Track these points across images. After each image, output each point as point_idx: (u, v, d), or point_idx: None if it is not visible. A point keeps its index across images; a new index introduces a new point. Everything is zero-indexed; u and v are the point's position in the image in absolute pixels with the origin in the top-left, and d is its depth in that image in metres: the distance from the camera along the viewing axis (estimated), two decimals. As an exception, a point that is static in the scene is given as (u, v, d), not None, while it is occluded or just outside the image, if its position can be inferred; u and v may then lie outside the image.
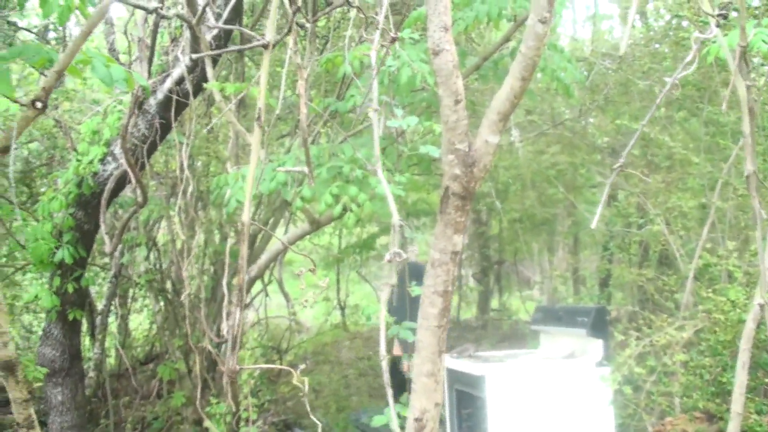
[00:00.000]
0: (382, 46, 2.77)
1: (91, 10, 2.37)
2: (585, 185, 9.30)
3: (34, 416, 2.46)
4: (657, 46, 7.33)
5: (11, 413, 6.50)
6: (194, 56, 4.26)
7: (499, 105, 2.50)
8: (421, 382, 2.45)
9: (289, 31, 2.45)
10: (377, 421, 3.21)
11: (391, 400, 2.57)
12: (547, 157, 8.47)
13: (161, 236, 7.53)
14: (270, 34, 2.40)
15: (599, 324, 4.72)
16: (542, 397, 4.51)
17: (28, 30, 6.70)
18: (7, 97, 2.11)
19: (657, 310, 6.06)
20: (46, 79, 1.98)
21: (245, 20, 6.27)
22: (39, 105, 1.95)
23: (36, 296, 5.40)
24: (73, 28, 6.99)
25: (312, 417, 2.97)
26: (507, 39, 5.17)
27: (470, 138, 2.54)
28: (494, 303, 12.89)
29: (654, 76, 6.92)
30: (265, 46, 2.35)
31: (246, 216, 2.20)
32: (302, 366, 3.74)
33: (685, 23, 6.49)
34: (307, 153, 2.67)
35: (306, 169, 2.85)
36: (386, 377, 2.48)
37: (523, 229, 10.31)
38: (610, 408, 4.58)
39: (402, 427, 2.60)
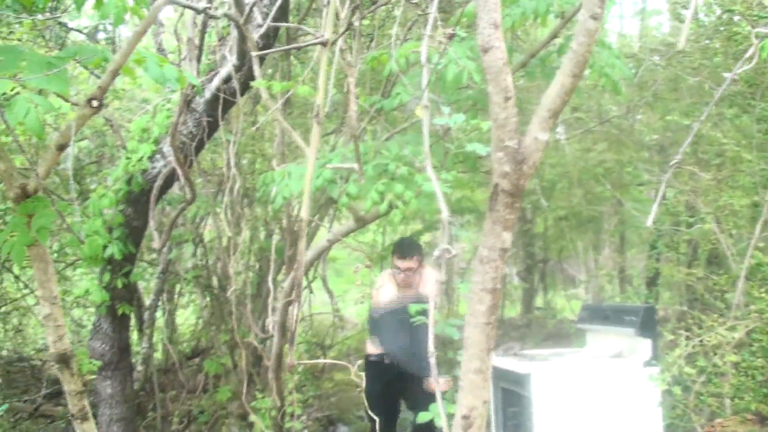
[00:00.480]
0: (439, 42, 2.75)
1: (144, 11, 2.40)
2: (632, 183, 9.17)
3: (88, 408, 2.51)
4: (708, 41, 7.20)
5: (61, 405, 6.64)
6: (254, 54, 4.27)
7: (550, 102, 2.47)
8: (469, 379, 2.44)
9: (348, 28, 2.46)
10: (422, 417, 3.20)
11: (439, 396, 2.57)
12: (594, 154, 8.37)
13: (208, 233, 7.63)
14: (328, 32, 2.41)
15: (648, 323, 4.65)
16: (589, 397, 4.46)
17: (79, 31, 6.83)
18: (62, 97, 2.16)
19: (706, 310, 5.96)
20: (102, 79, 2.02)
21: (291, 19, 6.30)
22: (95, 104, 1.99)
23: (87, 291, 5.51)
24: (121, 28, 7.10)
25: (364, 412, 2.98)
26: (554, 36, 5.11)
27: (519, 135, 2.52)
28: (539, 301, 12.80)
29: (705, 73, 6.80)
30: (324, 44, 2.36)
31: (305, 212, 2.21)
32: (359, 362, 3.76)
33: (737, 18, 6.35)
34: (357, 149, 2.68)
35: (354, 166, 2.85)
36: (434, 373, 2.47)
37: (568, 227, 10.22)
38: (658, 408, 4.52)
39: (449, 425, 2.60)
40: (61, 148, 2.08)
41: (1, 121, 5.23)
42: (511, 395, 4.70)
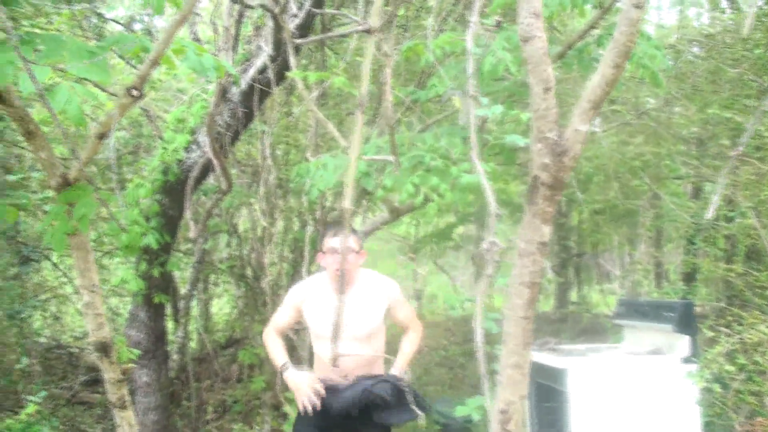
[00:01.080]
0: (485, 30, 2.72)
1: (182, 0, 2.39)
2: (669, 177, 9.03)
3: (127, 396, 2.52)
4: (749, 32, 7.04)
5: (98, 392, 6.71)
6: (299, 41, 4.26)
7: (591, 93, 2.43)
8: (507, 373, 2.42)
9: (392, 17, 2.44)
10: (460, 411, 3.19)
11: (487, 391, 2.55)
12: (632, 147, 8.25)
13: (242, 223, 7.66)
14: (374, 19, 2.39)
15: (686, 319, 4.57)
16: (626, 393, 4.40)
17: (116, 21, 6.88)
18: (100, 87, 2.17)
19: (746, 307, 5.85)
20: (142, 68, 2.02)
21: (326, 9, 6.29)
22: (135, 93, 1.99)
23: (123, 280, 5.56)
24: (157, 19, 7.14)
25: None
26: (591, 26, 5.04)
27: (560, 126, 2.48)
28: (573, 296, 12.69)
29: (745, 65, 6.65)
30: (369, 31, 2.34)
31: (347, 201, 2.20)
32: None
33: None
34: (393, 140, 2.65)
35: (390, 158, 2.83)
36: (483, 367, 2.45)
37: (604, 221, 10.10)
38: (696, 406, 4.44)
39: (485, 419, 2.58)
40: (102, 137, 2.09)
41: (40, 111, 5.30)
42: (546, 390, 4.65)
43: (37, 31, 4.51)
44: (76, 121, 1.76)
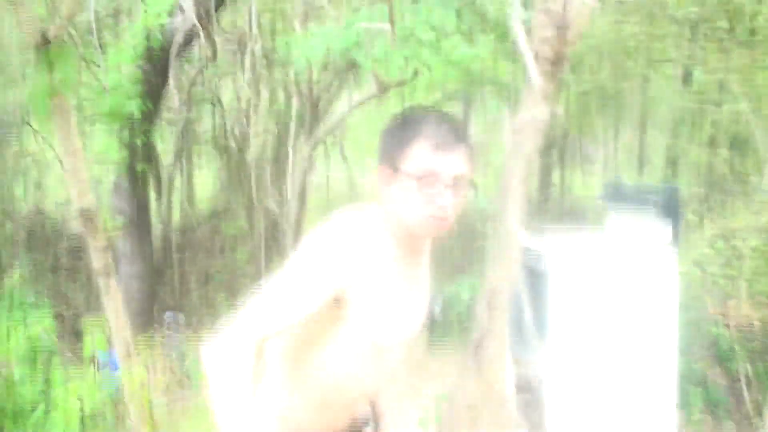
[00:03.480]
0: None
1: None
2: (660, 59, 8.88)
3: (112, 264, 2.50)
4: None
5: (83, 259, 6.73)
6: None
7: (600, -36, 2.32)
8: (498, 252, 2.42)
9: None
10: (450, 290, 3.22)
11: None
12: (627, 27, 8.06)
13: (227, 94, 7.51)
14: None
15: (671, 205, 4.57)
16: (606, 276, 4.45)
17: None
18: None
19: (727, 193, 5.89)
20: None
21: None
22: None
23: (106, 147, 5.48)
24: None
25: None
26: None
27: (564, -1, 2.38)
28: (555, 178, 12.71)
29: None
30: None
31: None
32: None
33: None
34: (391, 7, 2.54)
35: (385, 26, 2.72)
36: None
37: (592, 102, 9.99)
38: (675, 290, 4.52)
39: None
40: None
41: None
42: (528, 271, 4.70)
43: None
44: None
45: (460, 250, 6.14)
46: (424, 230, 1.63)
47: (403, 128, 1.64)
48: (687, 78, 8.68)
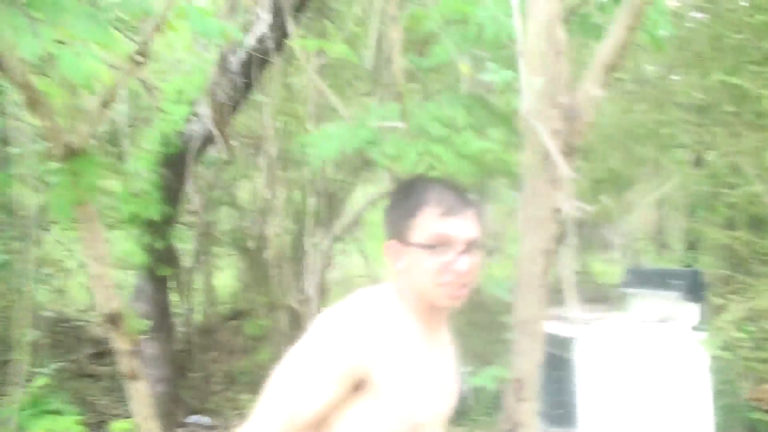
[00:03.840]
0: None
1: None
2: (671, 144, 8.97)
3: (139, 368, 2.50)
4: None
5: (106, 365, 6.71)
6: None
7: (604, 55, 2.39)
8: (522, 342, 2.39)
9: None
10: (477, 380, 3.17)
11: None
12: (635, 115, 8.19)
13: (244, 195, 7.61)
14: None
15: (695, 287, 4.55)
16: (634, 361, 4.38)
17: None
18: (103, 52, 2.10)
19: (750, 275, 5.82)
20: (146, 32, 1.97)
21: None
22: (140, 59, 1.94)
23: (128, 252, 5.53)
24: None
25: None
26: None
27: (572, 91, 2.44)
28: (576, 265, 12.64)
29: (748, 30, 6.57)
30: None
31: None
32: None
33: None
34: (403, 105, 2.60)
35: (398, 124, 2.78)
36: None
37: (605, 189, 10.04)
38: (707, 374, 4.43)
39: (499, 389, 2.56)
40: (106, 104, 2.04)
41: (41, 82, 5.22)
42: (554, 359, 4.64)
43: None
44: (83, 84, 1.71)
45: (483, 342, 6.07)
46: (444, 300, 1.58)
47: (408, 199, 1.60)
48: (699, 162, 8.74)
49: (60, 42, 1.80)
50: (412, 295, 1.60)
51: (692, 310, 4.50)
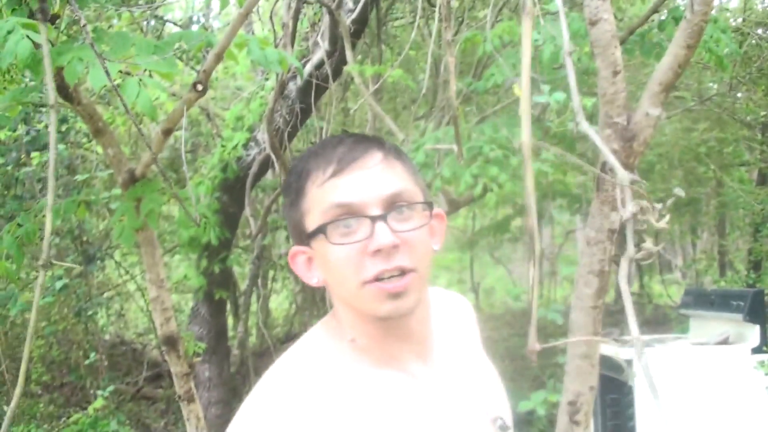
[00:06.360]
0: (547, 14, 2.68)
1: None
2: (734, 163, 8.80)
3: (194, 390, 2.55)
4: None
5: (161, 387, 6.83)
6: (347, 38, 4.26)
7: (661, 75, 2.36)
8: (575, 364, 2.37)
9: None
10: (523, 405, 3.14)
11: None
12: (696, 134, 8.06)
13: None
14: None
15: (756, 308, 4.43)
16: (693, 385, 4.29)
17: (174, 23, 6.97)
18: (164, 80, 2.19)
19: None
20: (207, 63, 2.03)
21: (381, 4, 6.28)
22: (200, 87, 2.00)
23: (185, 276, 5.64)
24: (213, 20, 7.22)
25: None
26: (655, 10, 4.93)
27: (629, 111, 2.42)
28: (634, 287, 12.45)
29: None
30: None
31: (526, 135, 2.17)
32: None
33: None
34: (457, 129, 2.62)
35: (452, 147, 2.80)
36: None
37: (666, 209, 9.88)
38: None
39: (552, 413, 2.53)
40: (168, 132, 2.10)
41: (105, 111, 5.40)
42: (610, 382, 4.57)
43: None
44: (147, 113, 1.77)
45: (537, 365, 6.00)
46: (377, 305, 1.01)
47: (294, 179, 1.09)
48: (763, 180, 8.55)
49: (126, 73, 1.87)
50: (353, 321, 1.07)
51: (753, 332, 4.38)
